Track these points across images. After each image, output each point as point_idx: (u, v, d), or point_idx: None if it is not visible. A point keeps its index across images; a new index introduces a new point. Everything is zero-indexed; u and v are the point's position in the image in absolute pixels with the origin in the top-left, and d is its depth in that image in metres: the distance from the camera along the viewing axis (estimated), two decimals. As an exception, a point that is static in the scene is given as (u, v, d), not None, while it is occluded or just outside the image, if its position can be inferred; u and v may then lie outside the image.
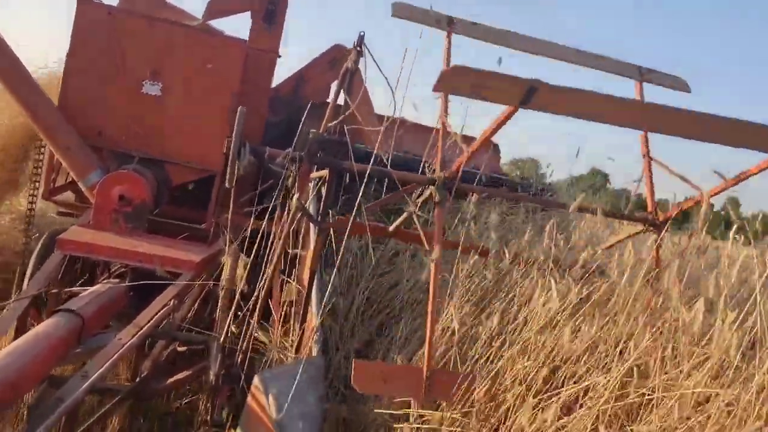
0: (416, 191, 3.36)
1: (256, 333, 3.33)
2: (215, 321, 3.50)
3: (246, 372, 3.21)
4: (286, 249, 3.44)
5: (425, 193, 3.06)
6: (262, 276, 3.41)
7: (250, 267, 3.95)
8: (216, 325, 3.43)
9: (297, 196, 2.98)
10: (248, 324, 3.31)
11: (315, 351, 3.06)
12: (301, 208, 2.98)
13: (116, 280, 3.89)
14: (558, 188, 6.11)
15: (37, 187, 5.22)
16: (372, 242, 3.51)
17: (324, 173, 3.12)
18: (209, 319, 3.82)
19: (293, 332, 3.40)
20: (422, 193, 3.11)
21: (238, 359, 3.30)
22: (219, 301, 3.33)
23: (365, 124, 3.58)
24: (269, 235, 3.52)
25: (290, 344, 3.38)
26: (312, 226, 3.35)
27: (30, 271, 4.48)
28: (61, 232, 4.03)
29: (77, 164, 4.54)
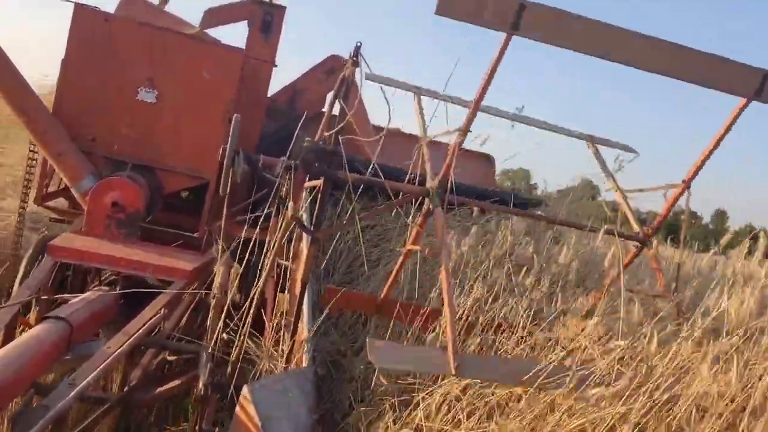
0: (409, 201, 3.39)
1: (247, 343, 3.30)
2: (206, 330, 3.48)
3: (236, 382, 3.17)
4: (279, 259, 3.43)
5: (421, 205, 3.08)
6: (255, 285, 3.39)
7: (242, 276, 3.93)
8: (206, 335, 3.40)
9: (291, 205, 2.97)
10: (239, 333, 3.28)
11: (305, 361, 3.03)
12: (295, 218, 2.97)
13: (107, 288, 3.85)
14: (549, 199, 6.12)
15: (29, 193, 5.18)
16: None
17: (318, 183, 3.11)
18: (200, 328, 3.79)
19: (284, 342, 3.38)
20: (415, 203, 3.12)
21: (228, 369, 3.27)
22: (210, 310, 3.30)
23: (361, 135, 3.58)
24: (262, 244, 3.50)
25: (281, 354, 3.35)
26: (305, 236, 3.33)
27: (20, 277, 4.44)
28: (53, 238, 4.01)
29: (70, 170, 4.52)
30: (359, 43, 3.10)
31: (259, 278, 3.39)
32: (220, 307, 3.52)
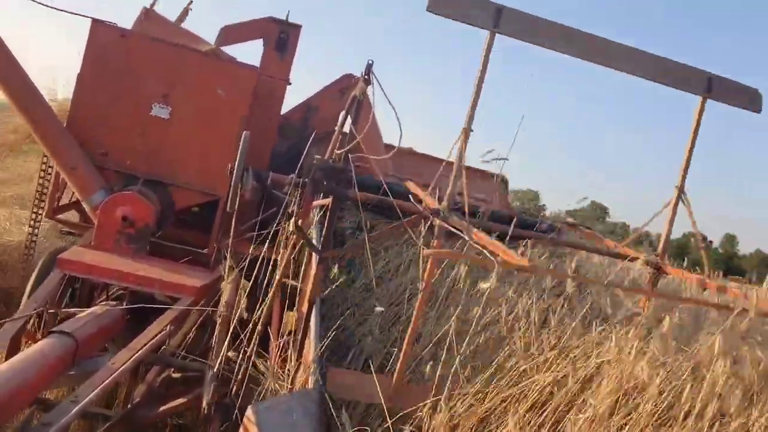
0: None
1: (253, 362, 3.26)
2: (212, 348, 3.44)
3: (241, 402, 3.13)
4: (286, 278, 3.39)
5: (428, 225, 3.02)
6: (261, 303, 3.35)
7: (250, 293, 3.90)
8: (211, 352, 3.36)
9: (299, 223, 2.94)
10: (245, 352, 3.24)
11: (312, 383, 2.98)
12: (303, 236, 2.94)
13: (114, 303, 3.84)
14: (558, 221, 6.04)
15: (42, 206, 5.20)
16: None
17: (327, 202, 3.08)
18: (206, 346, 3.75)
19: (291, 362, 3.33)
20: (424, 224, 3.07)
21: (233, 388, 3.22)
22: (216, 328, 3.27)
23: (372, 153, 3.55)
24: (270, 262, 3.47)
25: (287, 375, 3.30)
26: (313, 255, 3.30)
27: (28, 290, 4.44)
28: (62, 251, 4.00)
29: (82, 184, 4.53)
30: (371, 61, 3.09)
31: (266, 296, 3.36)
32: (227, 325, 3.49)
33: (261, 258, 3.42)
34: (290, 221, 3.09)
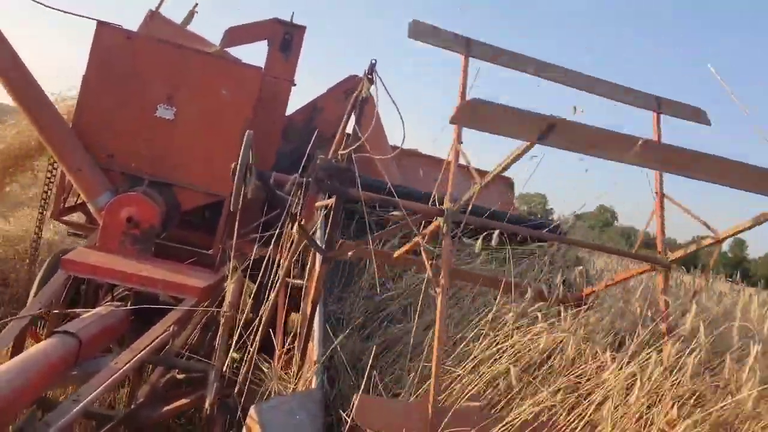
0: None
1: (257, 362, 3.25)
2: (216, 348, 3.43)
3: (244, 403, 3.11)
4: (290, 279, 3.37)
5: (434, 225, 2.99)
6: (265, 304, 3.34)
7: (255, 294, 3.89)
8: (215, 353, 3.36)
9: (302, 223, 2.93)
10: (248, 353, 3.23)
11: (315, 384, 2.97)
12: (306, 236, 2.93)
13: (118, 303, 3.84)
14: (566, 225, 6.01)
15: (47, 207, 5.22)
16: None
17: (330, 202, 3.06)
18: (210, 347, 3.75)
19: (295, 363, 3.32)
20: (429, 224, 3.05)
21: (237, 389, 3.21)
22: (219, 329, 3.27)
23: (376, 154, 3.54)
24: (274, 263, 3.46)
25: (291, 376, 3.29)
26: (317, 255, 3.28)
27: (34, 291, 4.45)
28: (68, 252, 4.01)
29: (87, 185, 4.54)
30: (374, 61, 3.07)
31: (269, 297, 3.35)
32: (230, 326, 3.48)
33: (266, 259, 3.41)
34: (294, 221, 3.08)
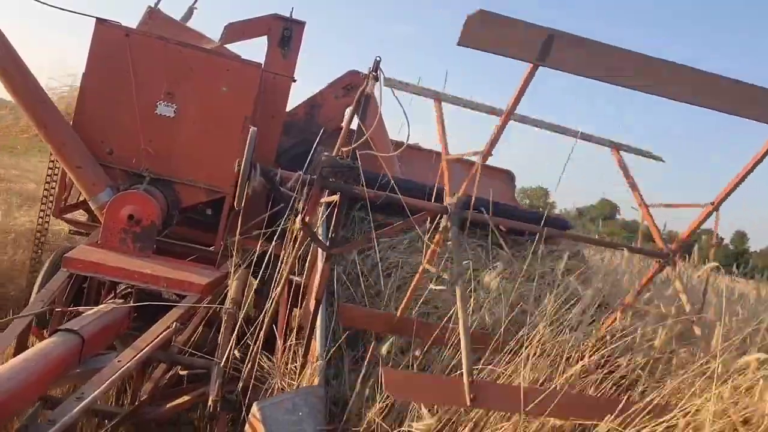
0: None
1: (259, 358, 3.25)
2: (219, 345, 3.43)
3: (247, 400, 3.12)
4: (293, 275, 3.37)
5: (441, 222, 3.00)
6: (268, 300, 3.34)
7: (258, 291, 3.88)
8: (218, 350, 3.35)
9: (306, 219, 2.92)
10: (251, 349, 3.23)
11: (317, 380, 2.97)
12: (309, 233, 2.92)
13: (121, 301, 3.83)
14: (568, 218, 6.02)
15: (49, 205, 5.21)
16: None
17: (334, 198, 3.06)
18: (213, 343, 3.74)
19: (297, 360, 3.32)
20: (434, 221, 3.05)
21: (239, 386, 3.21)
22: (222, 325, 3.26)
23: (378, 150, 3.53)
24: (278, 259, 3.46)
25: (293, 372, 3.29)
26: (320, 252, 3.28)
27: (36, 288, 4.45)
28: (69, 250, 4.00)
29: (88, 183, 4.52)
30: (378, 58, 3.06)
31: (272, 293, 3.34)
32: (233, 322, 3.48)
33: (269, 255, 3.40)
34: (297, 218, 3.08)
